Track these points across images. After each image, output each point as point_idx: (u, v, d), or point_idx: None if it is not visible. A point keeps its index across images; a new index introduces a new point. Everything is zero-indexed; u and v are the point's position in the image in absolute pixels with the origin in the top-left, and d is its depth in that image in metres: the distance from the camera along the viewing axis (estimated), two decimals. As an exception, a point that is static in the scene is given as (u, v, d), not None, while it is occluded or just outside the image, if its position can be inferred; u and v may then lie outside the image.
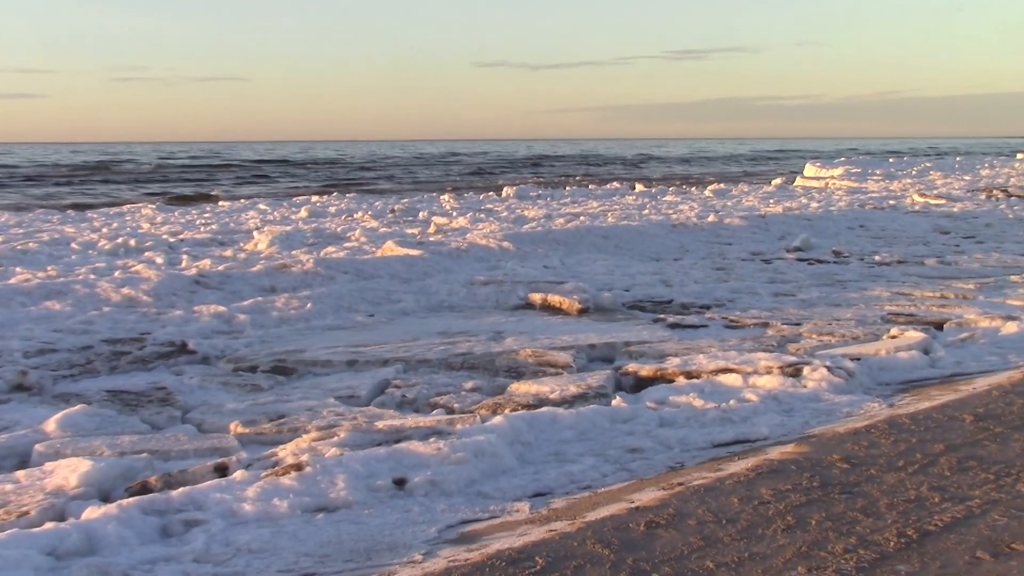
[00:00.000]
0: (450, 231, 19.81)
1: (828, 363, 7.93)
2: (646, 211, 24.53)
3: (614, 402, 7.15)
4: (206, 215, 24.90)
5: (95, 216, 24.44)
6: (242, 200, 31.06)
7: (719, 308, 11.57)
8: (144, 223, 22.37)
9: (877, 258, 16.18)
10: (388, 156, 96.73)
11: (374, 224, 21.65)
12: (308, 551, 4.64)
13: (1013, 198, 29.26)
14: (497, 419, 6.37)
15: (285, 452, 5.85)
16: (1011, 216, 23.75)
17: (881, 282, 13.50)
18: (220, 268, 13.35)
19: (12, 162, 74.73)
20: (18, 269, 13.80)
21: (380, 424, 6.45)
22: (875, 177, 42.62)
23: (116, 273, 12.87)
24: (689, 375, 7.93)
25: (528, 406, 7.06)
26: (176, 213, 25.58)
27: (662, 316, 11.02)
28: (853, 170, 46.50)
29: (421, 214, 24.54)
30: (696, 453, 6.14)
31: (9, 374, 8.01)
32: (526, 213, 24.18)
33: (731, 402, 7.11)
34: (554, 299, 11.55)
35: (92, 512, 4.87)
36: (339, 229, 20.15)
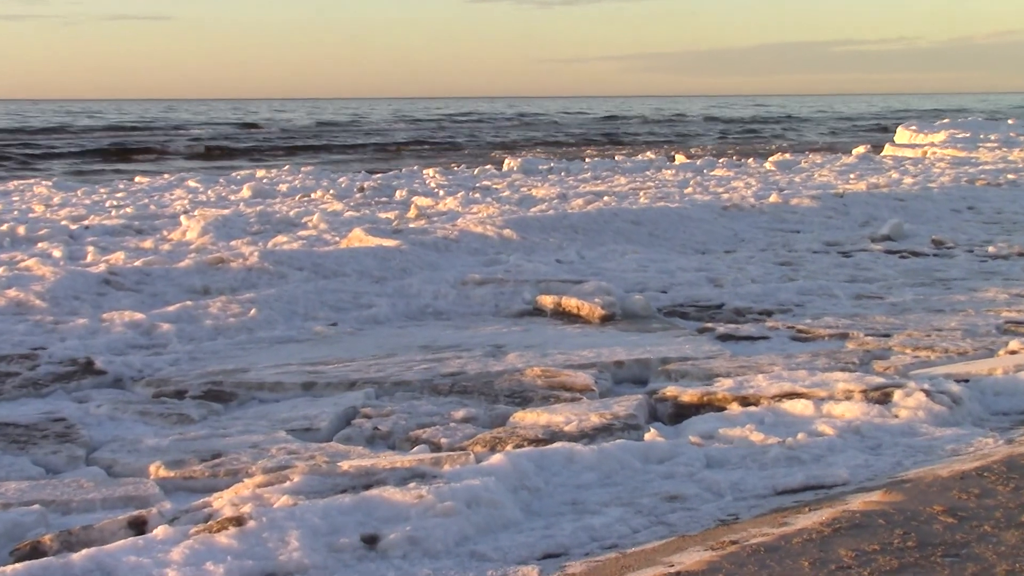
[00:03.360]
0: (436, 215, 19.83)
1: (926, 386, 7.92)
2: (689, 189, 24.55)
3: (647, 436, 7.15)
4: (119, 195, 24.90)
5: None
6: (165, 176, 31.05)
7: (783, 315, 11.57)
8: (37, 205, 22.37)
9: (991, 249, 16.19)
10: (352, 117, 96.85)
11: (337, 206, 21.67)
12: (250, 630, 4.64)
13: None
14: (496, 458, 6.37)
15: (222, 502, 5.84)
16: None
17: (996, 280, 13.50)
18: (137, 263, 13.36)
19: None
20: None
21: (345, 465, 6.44)
22: (988, 144, 42.62)
23: (0, 270, 12.87)
24: (745, 401, 7.93)
25: (536, 441, 7.06)
26: (79, 192, 25.56)
27: (710, 325, 11.03)
28: (959, 135, 46.49)
29: (399, 193, 24.55)
30: (754, 502, 6.13)
31: None
32: (534, 192, 24.21)
33: (800, 436, 7.10)
34: (570, 303, 11.56)
35: (-31, 580, 4.86)
36: (292, 213, 20.17)
